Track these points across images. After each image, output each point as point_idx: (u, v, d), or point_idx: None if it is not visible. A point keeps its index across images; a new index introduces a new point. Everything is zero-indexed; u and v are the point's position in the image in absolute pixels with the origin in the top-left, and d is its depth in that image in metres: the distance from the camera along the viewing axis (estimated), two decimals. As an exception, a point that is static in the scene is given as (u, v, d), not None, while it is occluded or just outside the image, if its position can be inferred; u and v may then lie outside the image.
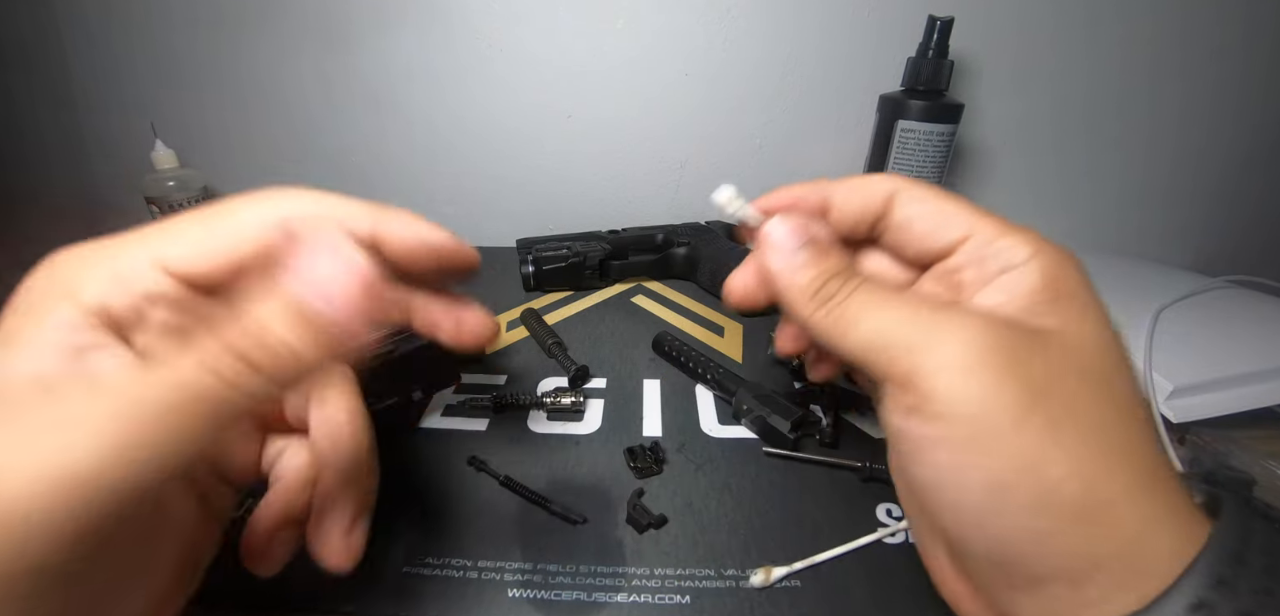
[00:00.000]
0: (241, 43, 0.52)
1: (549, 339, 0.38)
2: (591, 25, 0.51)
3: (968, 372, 0.14)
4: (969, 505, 0.14)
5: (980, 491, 0.14)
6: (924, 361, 0.14)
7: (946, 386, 0.14)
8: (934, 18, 0.40)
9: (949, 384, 0.14)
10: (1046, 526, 0.13)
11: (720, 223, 0.55)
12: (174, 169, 0.50)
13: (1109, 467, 0.13)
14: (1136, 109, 0.53)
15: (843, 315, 0.16)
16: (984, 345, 0.14)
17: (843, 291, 0.16)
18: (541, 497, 0.27)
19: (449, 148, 0.56)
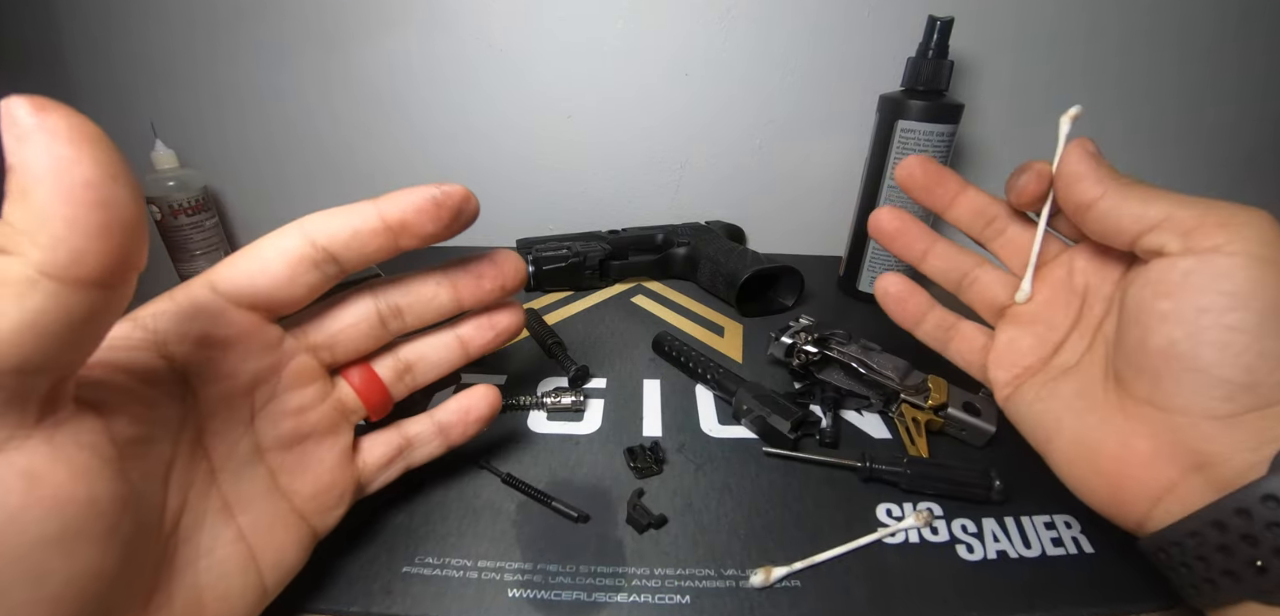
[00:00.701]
0: (241, 43, 0.52)
1: (549, 339, 0.38)
2: (591, 25, 0.51)
3: (1266, 224, 0.17)
4: (1241, 326, 0.17)
5: (1261, 312, 0.17)
6: (1236, 213, 0.18)
7: (1257, 230, 0.17)
8: (934, 18, 0.40)
9: (1257, 229, 0.17)
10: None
11: (720, 222, 0.55)
12: (174, 169, 0.50)
13: None
14: (1136, 109, 0.53)
15: (1148, 191, 0.19)
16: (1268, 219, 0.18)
17: (1139, 181, 0.20)
18: (543, 494, 0.27)
19: (449, 147, 0.56)
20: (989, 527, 0.26)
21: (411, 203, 0.19)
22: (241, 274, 0.18)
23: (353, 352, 0.22)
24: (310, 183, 0.58)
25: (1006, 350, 0.25)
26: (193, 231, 0.50)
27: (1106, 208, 0.20)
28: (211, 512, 0.18)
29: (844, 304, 0.48)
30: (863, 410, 0.34)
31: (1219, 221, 0.18)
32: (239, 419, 0.19)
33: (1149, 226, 0.19)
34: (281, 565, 0.20)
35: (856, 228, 0.47)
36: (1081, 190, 0.21)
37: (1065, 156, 0.22)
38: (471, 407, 0.25)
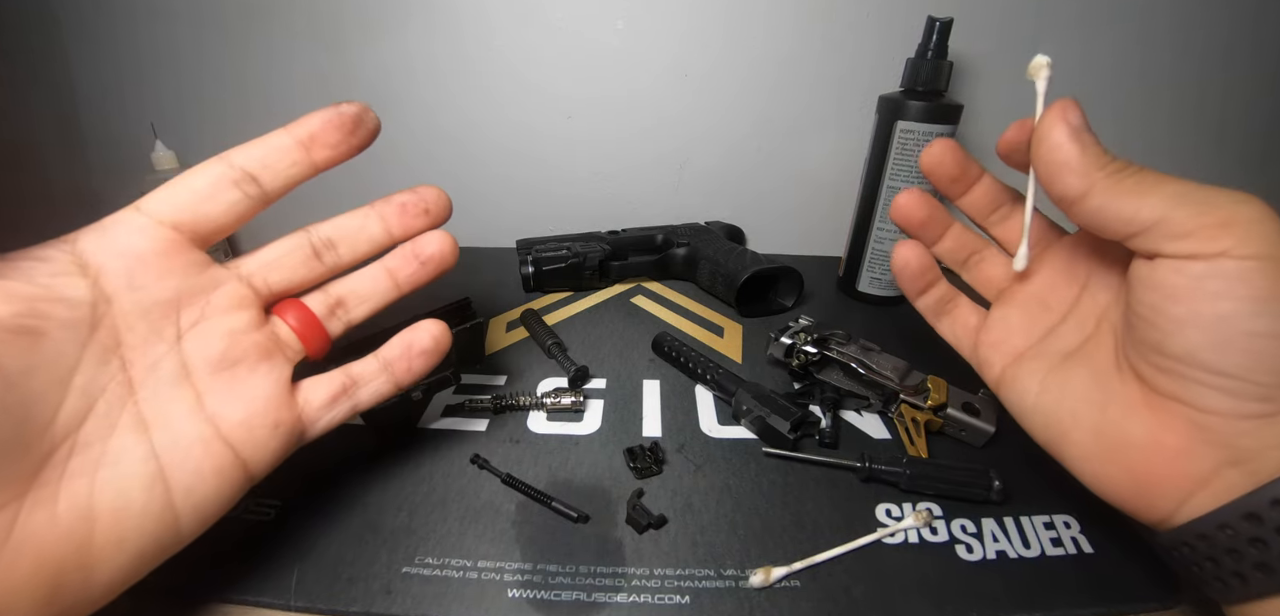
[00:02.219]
0: (241, 43, 0.52)
1: (549, 339, 0.38)
2: (591, 26, 0.51)
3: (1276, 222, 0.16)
4: (1269, 331, 0.16)
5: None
6: (1241, 210, 0.17)
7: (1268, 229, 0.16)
8: (933, 18, 0.40)
9: (1268, 228, 0.16)
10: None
11: (719, 223, 0.55)
12: (174, 169, 0.50)
13: None
14: (1135, 110, 0.53)
15: (1142, 181, 0.18)
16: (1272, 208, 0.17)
17: (1132, 167, 0.19)
18: (543, 495, 0.27)
19: (449, 148, 0.56)
20: (988, 528, 0.26)
21: (318, 118, 0.22)
22: (164, 192, 0.20)
23: (287, 285, 0.23)
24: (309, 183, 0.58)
25: (997, 327, 0.25)
26: (193, 231, 0.50)
27: (1094, 206, 0.19)
28: (123, 426, 0.18)
29: (843, 304, 0.48)
30: (862, 410, 0.34)
31: (1220, 221, 0.17)
32: (162, 336, 0.20)
33: (1142, 228, 0.18)
34: (196, 491, 0.19)
35: (856, 228, 0.47)
36: (1064, 183, 0.19)
37: (1044, 128, 0.20)
38: (414, 341, 0.25)
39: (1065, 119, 0.20)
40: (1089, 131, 0.20)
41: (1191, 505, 0.18)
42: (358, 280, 0.25)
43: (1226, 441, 0.17)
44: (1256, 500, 0.16)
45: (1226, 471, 0.17)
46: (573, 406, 0.33)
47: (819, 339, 0.34)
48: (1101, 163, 0.19)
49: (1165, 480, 0.19)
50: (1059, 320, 0.23)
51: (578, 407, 0.33)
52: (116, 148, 0.57)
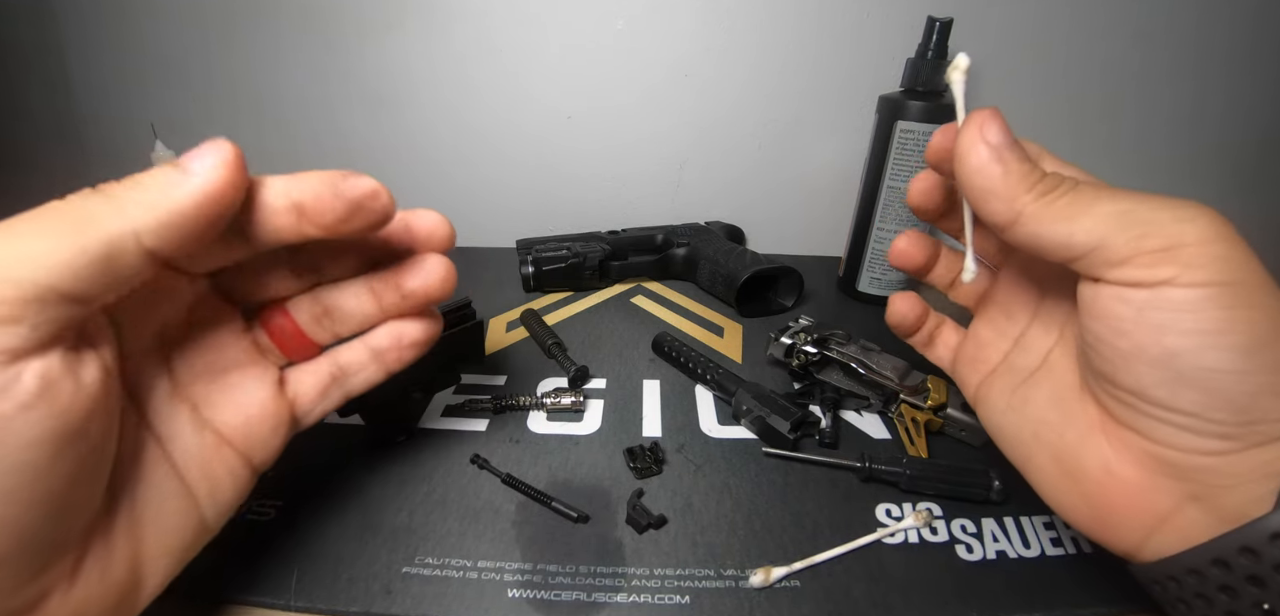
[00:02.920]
0: (241, 43, 0.52)
1: (549, 339, 0.38)
2: (592, 26, 0.51)
3: (1228, 241, 0.15)
4: (1225, 366, 0.15)
5: (1240, 350, 0.15)
6: (1186, 231, 0.15)
7: (1215, 252, 0.15)
8: (933, 19, 0.40)
9: (1216, 250, 0.15)
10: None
11: (719, 223, 0.55)
12: (174, 169, 0.50)
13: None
14: (1136, 110, 0.53)
15: (1075, 201, 0.16)
16: (1226, 224, 0.15)
17: (1066, 184, 0.17)
18: (543, 495, 0.27)
19: (449, 148, 0.56)
20: (988, 528, 0.26)
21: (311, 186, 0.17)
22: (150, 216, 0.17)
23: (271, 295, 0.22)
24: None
25: (970, 343, 0.24)
26: (193, 231, 0.50)
27: (1025, 233, 0.17)
28: (145, 448, 0.18)
29: (843, 304, 0.48)
30: (862, 410, 0.34)
31: (1163, 245, 0.15)
32: (152, 360, 0.19)
33: (1078, 255, 0.16)
34: (217, 495, 0.19)
35: (856, 228, 0.47)
36: (990, 210, 0.18)
37: (963, 148, 0.18)
38: (405, 331, 0.23)
39: (983, 138, 0.17)
40: (1013, 147, 0.17)
41: (1156, 542, 0.17)
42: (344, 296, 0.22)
43: (1187, 477, 0.16)
44: (1224, 546, 0.15)
45: (1188, 508, 0.16)
46: (573, 406, 0.33)
47: (819, 339, 0.34)
48: (1028, 183, 0.17)
49: (1125, 513, 0.18)
50: (1021, 333, 0.22)
51: (578, 407, 0.33)
52: (116, 148, 0.57)
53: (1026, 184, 0.17)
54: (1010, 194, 0.17)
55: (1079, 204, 0.16)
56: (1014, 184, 0.17)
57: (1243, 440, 0.15)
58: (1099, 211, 0.16)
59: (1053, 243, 0.17)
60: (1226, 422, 0.15)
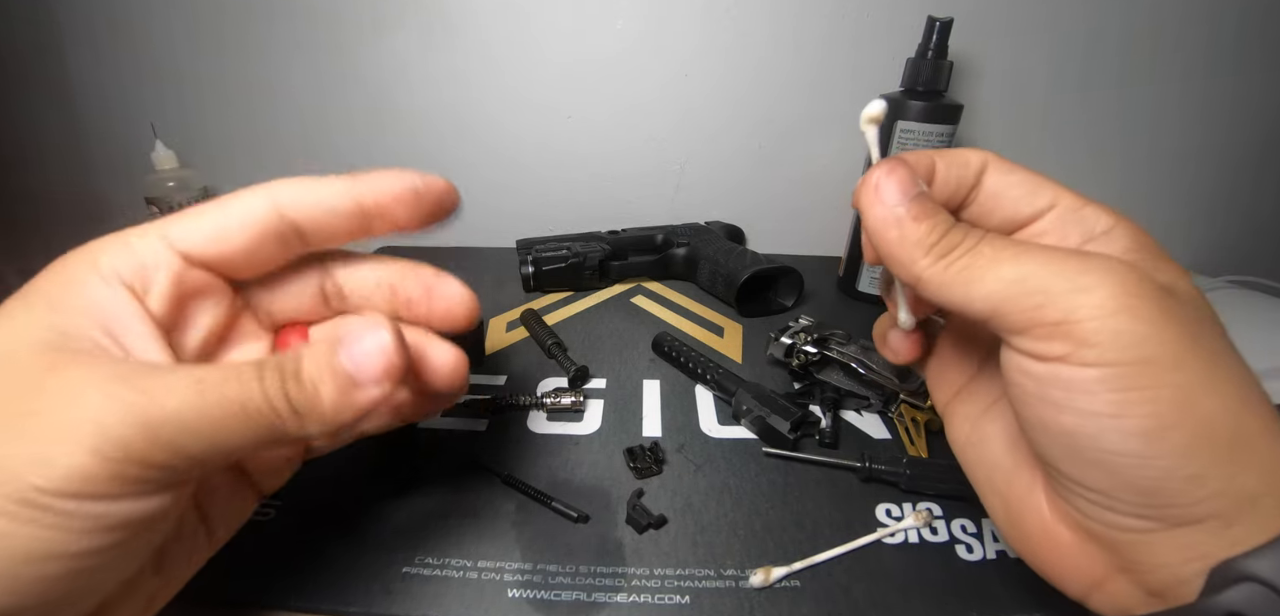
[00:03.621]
0: (241, 43, 0.52)
1: (549, 339, 0.38)
2: (591, 26, 0.51)
3: (1130, 312, 0.13)
4: (1125, 450, 0.14)
5: (1138, 435, 0.13)
6: (1081, 303, 0.14)
7: (1112, 327, 0.13)
8: (933, 18, 0.40)
9: (1114, 325, 0.13)
10: (1203, 466, 0.13)
11: (719, 223, 0.55)
12: (174, 169, 0.50)
13: (1250, 405, 0.14)
14: (1136, 110, 0.53)
15: (972, 265, 0.15)
16: (1137, 287, 0.14)
17: (966, 243, 0.16)
18: (543, 495, 0.27)
19: (449, 148, 0.56)
20: (988, 527, 0.26)
21: (390, 190, 0.18)
22: (202, 238, 0.17)
23: (291, 317, 0.21)
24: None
25: (934, 360, 0.22)
26: (193, 232, 0.50)
27: (929, 296, 0.16)
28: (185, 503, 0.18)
29: (844, 304, 0.48)
30: (862, 410, 0.34)
31: (1057, 319, 0.14)
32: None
33: (980, 318, 0.15)
34: (229, 522, 0.20)
35: (856, 228, 0.47)
36: (896, 271, 0.17)
37: (862, 207, 0.17)
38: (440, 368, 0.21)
39: (879, 198, 0.17)
40: (913, 203, 0.16)
41: (1096, 601, 0.17)
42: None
43: (1111, 550, 0.15)
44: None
45: (1118, 578, 0.16)
46: (573, 406, 0.33)
47: (819, 339, 0.34)
48: (924, 246, 0.16)
49: (1063, 571, 0.17)
50: (980, 365, 0.21)
51: (578, 407, 0.33)
52: (116, 148, 0.57)
53: (923, 247, 0.16)
54: (908, 258, 0.16)
55: (975, 268, 0.15)
56: (910, 248, 0.16)
57: (1159, 520, 0.14)
58: (996, 277, 0.15)
59: (955, 305, 0.16)
60: (1137, 504, 0.14)
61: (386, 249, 0.56)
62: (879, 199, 0.17)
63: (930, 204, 0.16)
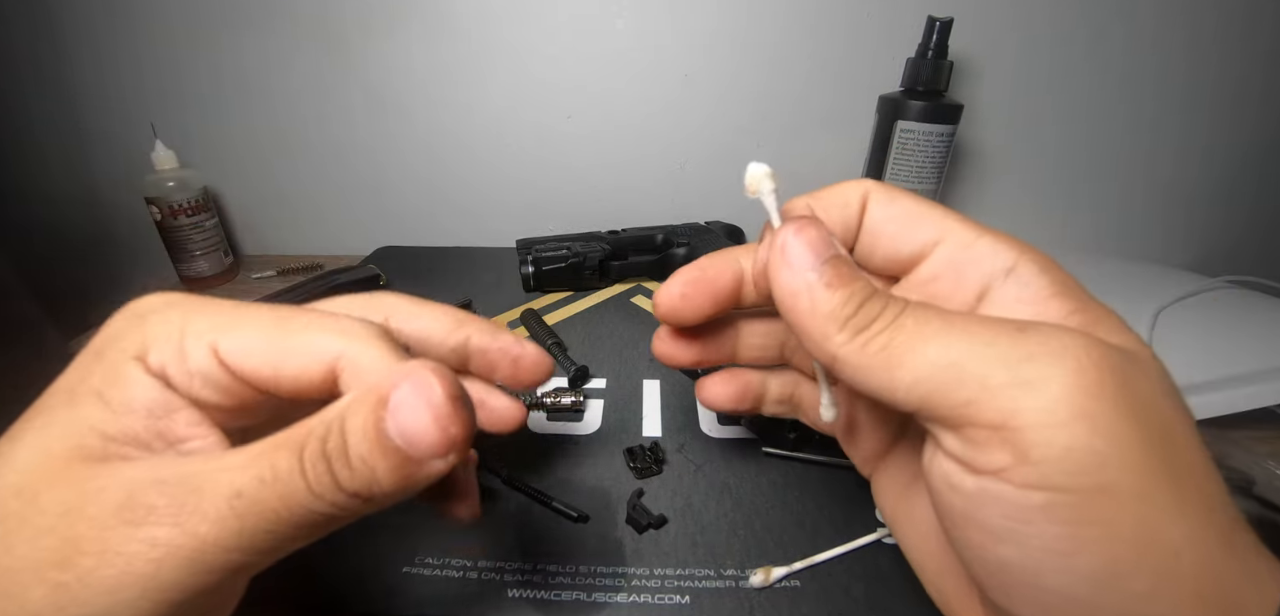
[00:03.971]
0: (242, 43, 0.52)
1: (549, 339, 0.38)
2: (592, 25, 0.51)
3: (1087, 421, 0.11)
4: (1072, 593, 0.11)
5: (1089, 579, 0.11)
6: (1025, 405, 0.11)
7: (1063, 443, 0.11)
8: (934, 18, 0.40)
9: (1065, 439, 0.11)
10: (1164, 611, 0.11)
11: (720, 223, 0.55)
12: (174, 169, 0.50)
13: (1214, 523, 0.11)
14: (1136, 109, 0.53)
15: (891, 344, 0.13)
16: (1097, 384, 0.11)
17: (886, 316, 0.13)
18: (543, 495, 0.27)
19: (449, 148, 0.56)
20: (988, 527, 0.26)
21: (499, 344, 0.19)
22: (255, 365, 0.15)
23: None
24: (310, 182, 0.58)
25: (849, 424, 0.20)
26: (193, 231, 0.50)
27: (847, 377, 0.14)
28: None
29: (844, 304, 0.48)
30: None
31: (995, 421, 0.11)
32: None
33: (903, 410, 0.13)
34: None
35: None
36: (812, 349, 0.14)
37: (770, 273, 0.15)
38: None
39: (787, 261, 0.14)
40: (826, 267, 0.14)
41: None
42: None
43: None
44: None
45: None
46: (573, 406, 0.33)
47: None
48: (839, 319, 0.13)
49: None
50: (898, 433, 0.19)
51: (578, 407, 0.33)
52: (116, 148, 0.57)
53: (837, 321, 0.13)
54: (821, 332, 0.13)
55: (896, 350, 0.12)
56: (822, 322, 0.13)
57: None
58: (921, 359, 0.12)
59: (878, 397, 0.13)
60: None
61: (384, 249, 0.56)
62: (787, 262, 0.14)
63: (847, 268, 0.14)
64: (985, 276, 0.14)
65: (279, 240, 0.60)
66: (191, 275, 0.51)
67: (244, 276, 0.55)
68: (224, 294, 0.51)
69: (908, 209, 0.16)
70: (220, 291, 0.52)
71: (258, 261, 0.58)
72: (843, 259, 0.14)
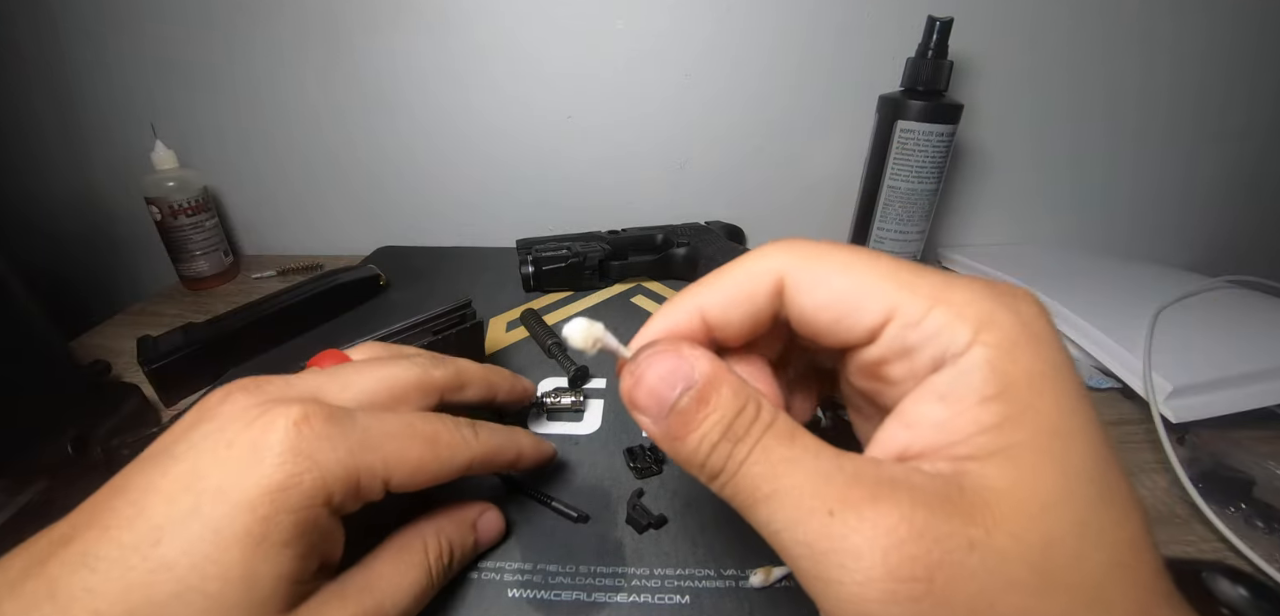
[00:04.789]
0: (241, 43, 0.52)
1: (549, 339, 0.38)
2: (592, 26, 0.51)
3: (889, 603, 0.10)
4: None
5: None
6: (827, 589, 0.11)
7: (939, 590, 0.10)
8: (934, 18, 0.40)
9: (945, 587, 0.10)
10: None
11: (720, 223, 0.55)
12: (174, 169, 0.50)
13: None
14: (1135, 108, 0.53)
15: (738, 491, 0.13)
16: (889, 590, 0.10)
17: (736, 455, 0.13)
18: (543, 495, 0.27)
19: (449, 148, 0.56)
20: (988, 527, 0.26)
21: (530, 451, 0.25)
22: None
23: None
24: (310, 182, 0.58)
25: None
26: (193, 231, 0.50)
27: (728, 496, 0.13)
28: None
29: (844, 304, 0.48)
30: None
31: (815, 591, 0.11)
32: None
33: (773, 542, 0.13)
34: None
35: (856, 228, 0.47)
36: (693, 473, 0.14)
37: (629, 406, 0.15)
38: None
39: (637, 407, 0.14)
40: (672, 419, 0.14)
41: None
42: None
43: None
44: None
45: None
46: (573, 406, 0.33)
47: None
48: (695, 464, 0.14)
49: None
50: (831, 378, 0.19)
51: (578, 407, 0.33)
52: (116, 148, 0.57)
53: (695, 467, 0.14)
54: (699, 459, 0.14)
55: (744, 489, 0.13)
56: (689, 469, 0.14)
57: None
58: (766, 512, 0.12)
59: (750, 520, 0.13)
60: None
61: (384, 249, 0.57)
62: (636, 408, 0.14)
63: (695, 411, 0.13)
64: (937, 357, 0.12)
65: (279, 240, 0.61)
66: (191, 275, 0.51)
67: (244, 276, 0.55)
68: (224, 293, 0.51)
69: (841, 292, 0.13)
70: (220, 291, 0.52)
71: (258, 261, 0.58)
72: (693, 393, 0.13)
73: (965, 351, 0.12)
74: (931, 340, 0.12)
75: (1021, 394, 0.11)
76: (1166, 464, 0.29)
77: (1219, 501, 0.28)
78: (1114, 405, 0.36)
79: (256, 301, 0.42)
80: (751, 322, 0.15)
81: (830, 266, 0.14)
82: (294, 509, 0.16)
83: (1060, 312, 0.41)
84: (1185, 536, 0.27)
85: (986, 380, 0.12)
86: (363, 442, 0.17)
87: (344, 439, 0.17)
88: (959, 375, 0.12)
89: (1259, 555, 0.25)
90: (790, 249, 0.14)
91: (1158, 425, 0.31)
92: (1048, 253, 0.54)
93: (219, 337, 0.37)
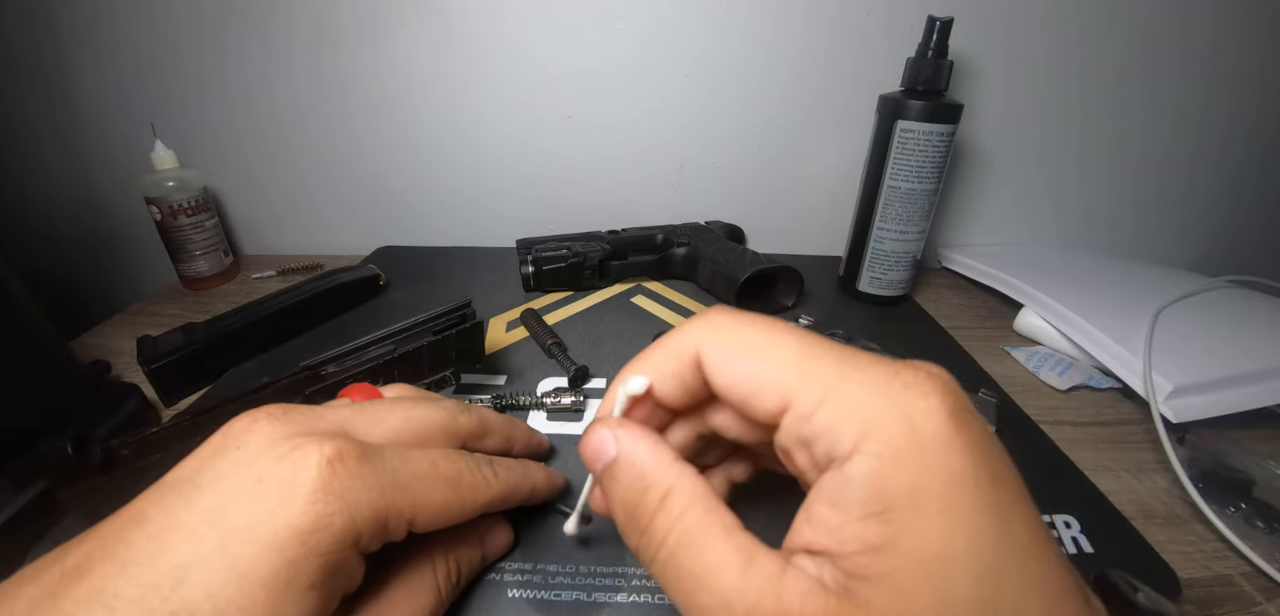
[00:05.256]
0: (241, 44, 0.52)
1: (549, 339, 0.38)
2: (591, 26, 0.51)
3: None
4: None
5: None
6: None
7: None
8: (934, 18, 0.40)
9: None
10: None
11: (720, 223, 0.55)
12: (174, 169, 0.50)
13: None
14: (1136, 109, 0.53)
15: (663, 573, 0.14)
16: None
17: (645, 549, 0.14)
18: (541, 497, 0.27)
19: (449, 148, 0.56)
20: (988, 527, 0.26)
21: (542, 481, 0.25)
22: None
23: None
24: (309, 183, 0.58)
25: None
26: (193, 231, 0.50)
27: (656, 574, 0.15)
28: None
29: (843, 303, 0.48)
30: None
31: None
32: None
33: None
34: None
35: (856, 227, 0.47)
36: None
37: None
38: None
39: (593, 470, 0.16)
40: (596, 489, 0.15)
41: None
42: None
43: None
44: None
45: None
46: (573, 406, 0.33)
47: (819, 339, 0.34)
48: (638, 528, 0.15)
49: None
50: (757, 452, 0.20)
51: (578, 407, 0.33)
52: (116, 148, 0.57)
53: (632, 542, 0.15)
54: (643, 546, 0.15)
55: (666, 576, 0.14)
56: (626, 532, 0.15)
57: None
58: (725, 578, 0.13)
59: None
60: None
61: (384, 249, 0.56)
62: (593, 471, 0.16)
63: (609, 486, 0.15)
64: (828, 454, 0.12)
65: (279, 240, 0.61)
66: (191, 275, 0.51)
67: (244, 276, 0.55)
68: (224, 293, 0.51)
69: (745, 374, 0.14)
70: (220, 291, 0.52)
71: (258, 261, 0.58)
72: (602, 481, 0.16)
73: (849, 458, 0.12)
74: (821, 437, 0.12)
75: (901, 514, 0.11)
76: (1166, 464, 0.29)
77: (1219, 501, 0.28)
78: (1114, 405, 0.36)
79: (256, 301, 0.42)
80: (684, 393, 0.16)
81: (737, 346, 0.14)
82: (323, 551, 0.15)
83: (1061, 312, 0.41)
84: (1185, 536, 0.27)
85: (867, 497, 0.11)
86: (392, 483, 0.17)
87: (376, 479, 0.17)
88: (844, 483, 0.12)
89: (1259, 555, 0.25)
90: (708, 325, 0.15)
91: (1158, 425, 0.31)
92: (1048, 252, 0.54)
93: (219, 338, 0.37)
